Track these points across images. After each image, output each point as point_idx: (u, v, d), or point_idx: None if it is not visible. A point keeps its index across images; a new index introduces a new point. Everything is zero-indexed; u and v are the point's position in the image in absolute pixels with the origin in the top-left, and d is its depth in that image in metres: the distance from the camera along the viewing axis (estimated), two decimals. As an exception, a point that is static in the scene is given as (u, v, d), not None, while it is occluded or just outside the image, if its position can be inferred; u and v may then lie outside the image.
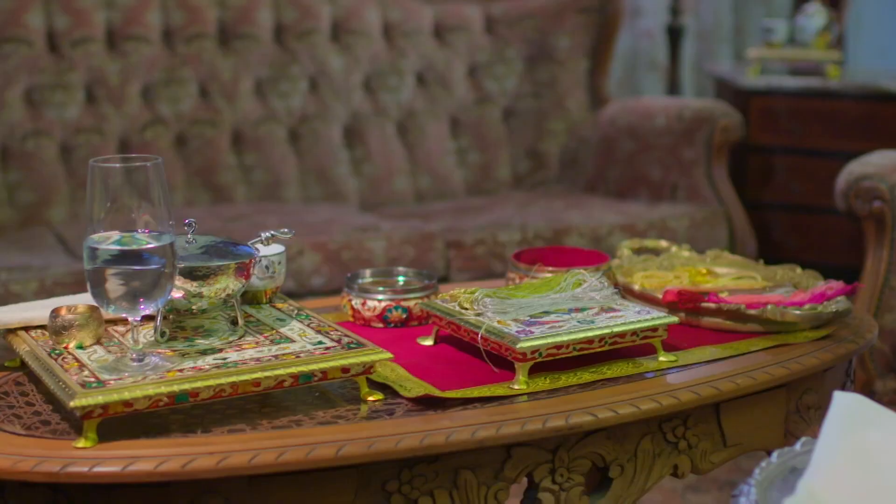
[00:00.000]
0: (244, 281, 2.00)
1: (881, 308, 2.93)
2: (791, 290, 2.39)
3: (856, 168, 3.02)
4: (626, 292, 2.43)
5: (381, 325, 2.31)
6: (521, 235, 3.65)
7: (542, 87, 4.42)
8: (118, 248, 1.76)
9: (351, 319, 2.35)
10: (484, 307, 2.11)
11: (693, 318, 2.30)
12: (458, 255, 3.56)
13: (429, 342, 2.21)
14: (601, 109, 4.31)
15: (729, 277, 2.52)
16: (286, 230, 2.13)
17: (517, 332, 2.02)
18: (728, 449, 2.08)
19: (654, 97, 4.92)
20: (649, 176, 4.05)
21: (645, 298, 2.37)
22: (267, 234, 2.11)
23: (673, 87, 5.12)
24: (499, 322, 2.07)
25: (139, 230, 1.77)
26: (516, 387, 1.98)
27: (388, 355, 1.95)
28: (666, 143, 4.01)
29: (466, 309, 2.13)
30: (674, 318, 2.12)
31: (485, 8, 4.49)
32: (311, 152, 4.14)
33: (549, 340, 2.01)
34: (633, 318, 2.10)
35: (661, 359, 2.11)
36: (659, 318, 2.11)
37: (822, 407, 2.18)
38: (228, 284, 1.97)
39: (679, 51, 5.14)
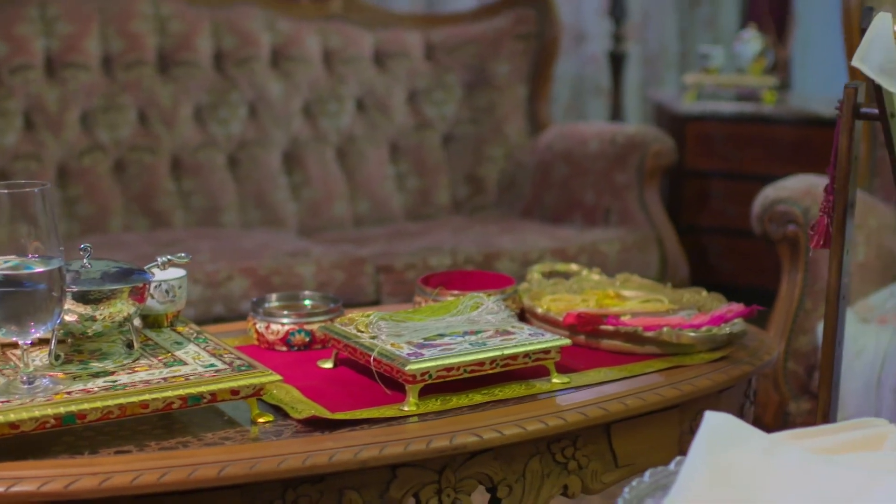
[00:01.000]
0: (139, 305, 2.02)
1: (795, 331, 2.96)
2: (693, 313, 2.42)
3: (771, 192, 3.05)
4: (530, 315, 2.46)
5: (284, 348, 2.34)
6: (451, 260, 3.68)
7: (481, 113, 4.45)
8: (4, 272, 1.78)
9: (256, 343, 2.37)
10: (378, 330, 2.14)
11: (593, 340, 2.33)
12: (388, 279, 3.58)
13: (328, 365, 2.23)
14: (539, 135, 4.35)
15: (636, 300, 2.55)
16: (182, 255, 2.15)
17: (408, 354, 2.05)
18: (620, 469, 2.10)
19: (590, 123, 4.96)
20: (583, 200, 4.08)
21: (547, 321, 2.40)
22: (163, 258, 2.14)
23: (616, 113, 5.17)
24: (392, 345, 2.09)
25: (30, 255, 1.79)
26: (406, 408, 2.01)
27: (277, 378, 1.98)
28: (599, 168, 4.05)
29: (362, 332, 2.16)
30: (566, 341, 2.15)
31: (425, 35, 4.53)
32: (249, 178, 4.17)
33: (440, 363, 2.03)
34: (525, 340, 2.13)
35: (555, 380, 2.14)
36: (551, 340, 2.14)
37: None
38: (123, 308, 1.99)
39: (621, 76, 5.18)
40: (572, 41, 5.50)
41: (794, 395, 2.95)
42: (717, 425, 1.70)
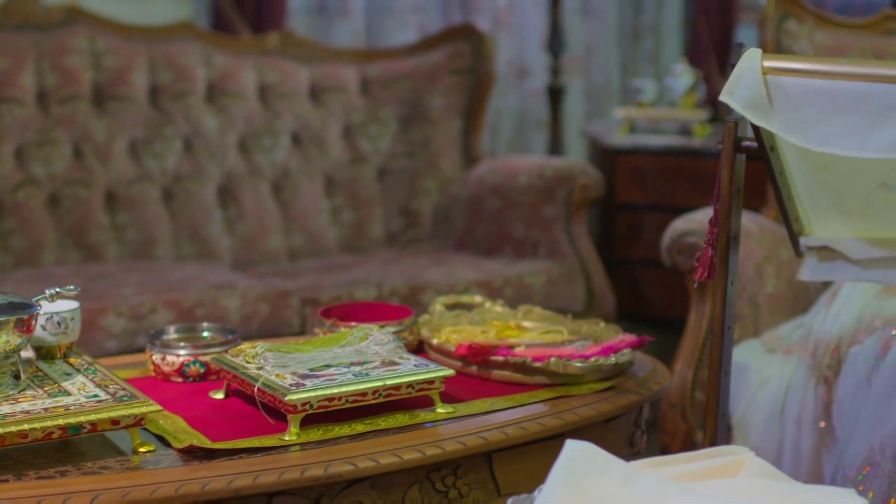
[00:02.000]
0: (25, 336, 2.04)
1: (702, 361, 3.00)
2: (587, 344, 2.45)
3: (679, 225, 3.10)
4: (427, 347, 2.49)
5: (180, 379, 2.36)
6: (377, 292, 3.70)
7: (416, 147, 4.49)
8: None
9: (153, 374, 2.40)
10: (265, 361, 2.17)
11: (484, 371, 2.36)
12: (313, 312, 3.61)
13: (220, 396, 2.26)
14: (473, 168, 4.38)
15: (536, 332, 2.59)
16: (72, 287, 2.18)
17: (290, 384, 2.08)
18: (503, 498, 2.13)
19: (521, 156, 4.99)
20: (513, 233, 4.12)
21: (442, 352, 2.43)
22: (52, 290, 2.16)
23: (555, 146, 5.21)
24: (277, 375, 2.12)
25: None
26: (287, 438, 2.04)
27: (157, 408, 2.01)
28: (529, 202, 4.08)
29: (250, 363, 2.19)
30: (449, 371, 2.18)
31: (360, 69, 4.56)
32: (184, 211, 4.19)
33: (321, 393, 2.07)
34: (409, 371, 2.16)
35: (439, 410, 2.17)
36: (435, 371, 2.17)
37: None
38: (9, 340, 2.01)
39: (560, 110, 5.23)
40: (515, 76, 5.55)
41: (701, 424, 2.98)
42: (576, 453, 1.73)
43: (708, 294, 3.01)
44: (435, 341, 2.45)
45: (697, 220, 3.09)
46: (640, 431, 2.38)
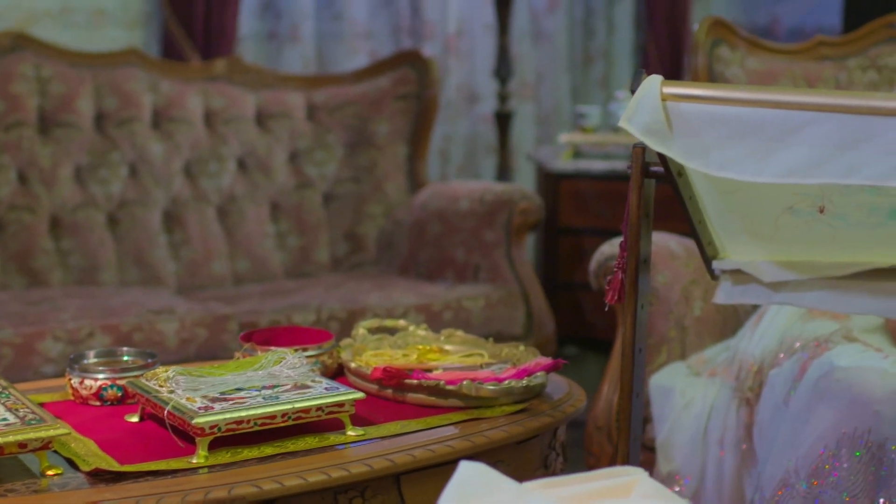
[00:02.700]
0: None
1: (629, 384, 3.02)
2: (504, 367, 2.47)
3: (606, 249, 3.13)
4: (346, 370, 2.51)
5: (97, 402, 2.38)
6: (315, 317, 3.73)
7: (361, 172, 4.52)
8: None
9: (72, 398, 2.42)
10: (176, 385, 2.19)
11: (399, 394, 2.38)
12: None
13: (135, 419, 2.28)
14: (417, 193, 4.41)
15: (458, 355, 2.61)
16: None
17: (199, 408, 2.10)
18: (412, 519, 2.15)
19: (463, 181, 5.03)
20: (455, 258, 4.15)
21: (359, 375, 2.45)
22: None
23: (503, 171, 5.24)
24: (187, 399, 2.14)
25: None
26: (195, 460, 2.05)
27: (64, 431, 2.02)
28: (469, 226, 4.12)
29: (162, 387, 2.21)
30: (359, 395, 2.20)
31: (307, 95, 4.59)
32: (129, 237, 4.21)
33: (229, 416, 2.08)
34: (319, 394, 2.18)
35: (349, 433, 2.19)
36: (345, 394, 2.19)
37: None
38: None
39: (508, 135, 5.27)
40: (465, 101, 5.59)
41: (628, 447, 3.01)
42: (468, 475, 1.74)
43: (634, 317, 3.04)
44: (353, 365, 2.47)
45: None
46: (554, 453, 2.40)
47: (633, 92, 2.06)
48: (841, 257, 2.30)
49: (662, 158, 2.17)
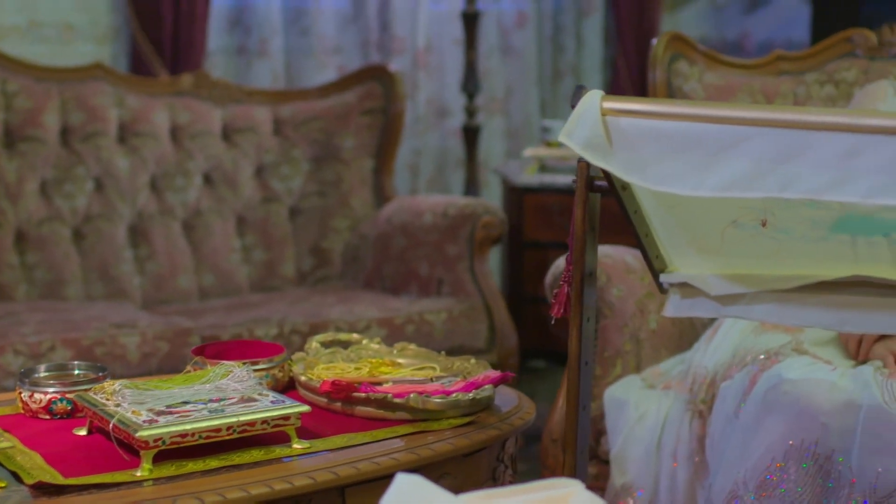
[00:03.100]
0: None
1: (584, 397, 3.04)
2: (454, 380, 2.49)
3: (561, 263, 3.14)
4: (297, 384, 2.53)
5: (47, 416, 2.38)
6: (278, 330, 3.74)
7: (327, 186, 4.53)
8: None
9: (23, 412, 2.42)
10: (123, 398, 2.20)
11: (348, 407, 2.40)
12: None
13: (83, 432, 2.29)
14: (383, 208, 4.43)
15: (410, 368, 2.62)
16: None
17: (144, 421, 2.11)
18: (353, 531, 2.16)
19: (428, 195, 5.04)
20: (419, 272, 4.16)
21: (309, 389, 2.47)
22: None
23: (470, 186, 5.26)
24: (133, 412, 2.15)
25: None
26: (139, 473, 2.06)
27: (9, 444, 2.04)
28: (433, 240, 4.14)
29: (109, 400, 2.22)
30: (305, 408, 2.22)
31: (273, 110, 4.61)
32: (94, 251, 4.22)
33: (173, 429, 2.09)
34: (265, 407, 2.20)
35: (295, 446, 2.20)
36: (290, 407, 2.21)
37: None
38: None
39: (476, 150, 5.29)
40: (435, 116, 5.61)
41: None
42: (404, 487, 1.76)
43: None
44: (303, 378, 2.49)
45: (579, 258, 3.13)
46: (503, 466, 2.41)
47: (573, 107, 2.08)
48: (787, 270, 2.32)
49: (606, 173, 2.19)
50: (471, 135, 5.23)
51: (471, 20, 5.17)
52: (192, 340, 3.66)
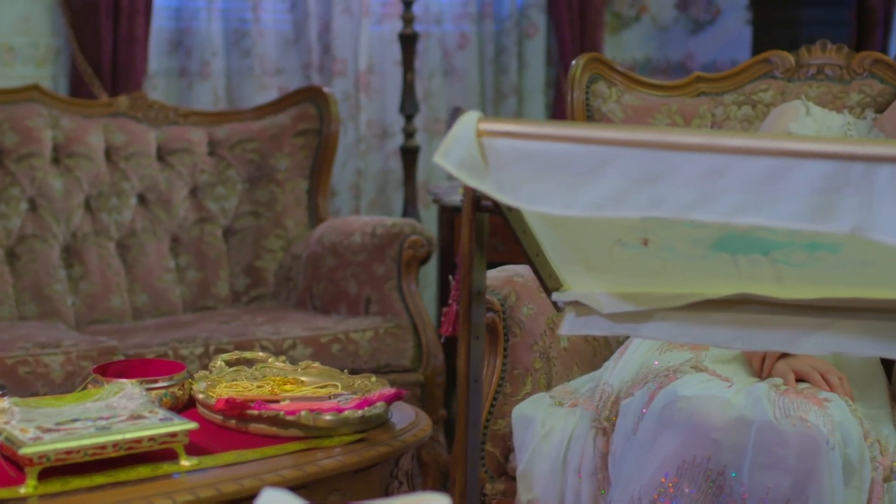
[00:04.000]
0: None
1: (494, 414, 3.07)
2: (350, 398, 2.52)
3: (467, 282, 3.17)
4: (197, 402, 2.56)
5: (-56, 435, 2.40)
6: (203, 349, 3.77)
7: (261, 207, 4.57)
8: None
9: (-79, 430, 2.44)
10: (12, 416, 2.22)
11: (243, 425, 2.43)
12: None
13: (-24, 450, 2.31)
14: (315, 228, 4.47)
15: (312, 386, 2.66)
16: None
17: (30, 438, 2.13)
18: (240, 548, 2.19)
19: (358, 216, 5.08)
20: (348, 291, 4.20)
21: (206, 407, 2.50)
22: None
23: (409, 206, 5.30)
24: (21, 430, 2.18)
25: None
26: (23, 490, 2.09)
27: None
28: (361, 260, 4.17)
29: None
30: (192, 425, 2.25)
31: (209, 131, 4.64)
32: (28, 271, 4.24)
33: (59, 446, 2.12)
34: (152, 424, 2.22)
35: (183, 462, 2.23)
36: (178, 424, 2.24)
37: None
38: None
39: (414, 171, 5.33)
40: (376, 137, 5.65)
41: (492, 476, 3.06)
42: (269, 502, 1.78)
43: (499, 348, 3.09)
44: (200, 396, 2.52)
45: (490, 277, 3.17)
46: (397, 482, 2.44)
47: (449, 129, 2.12)
48: (675, 288, 2.36)
49: (492, 192, 2.22)
50: (409, 156, 5.27)
51: (408, 41, 5.22)
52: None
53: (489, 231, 2.27)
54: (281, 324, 4.00)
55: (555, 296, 2.46)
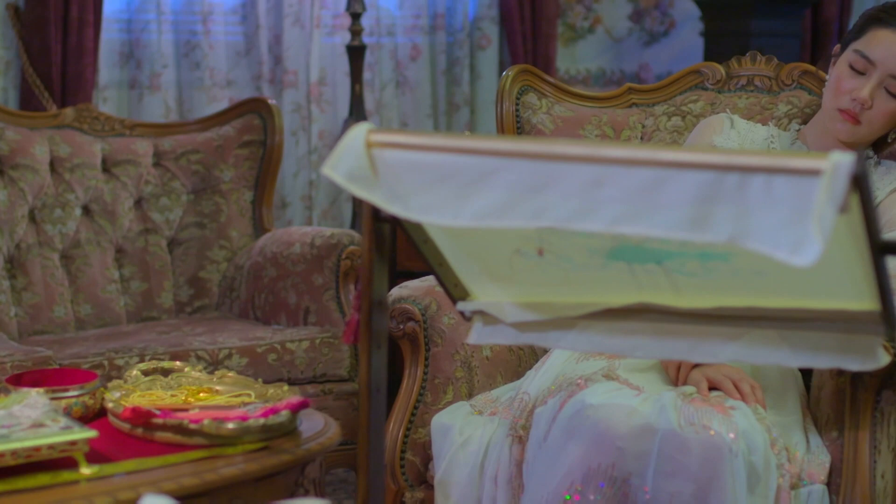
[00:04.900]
0: None
1: (415, 423, 3.10)
2: (259, 406, 2.55)
3: (395, 292, 3.21)
4: (107, 411, 2.58)
5: None
6: (138, 359, 3.79)
7: (206, 218, 4.59)
8: None
9: None
10: (-88, 425, 2.24)
11: (149, 433, 2.45)
12: (73, 379, 3.69)
13: None
14: (258, 239, 4.50)
15: (227, 395, 2.68)
16: None
17: (-73, 447, 2.15)
18: (137, 554, 2.21)
19: (299, 227, 5.10)
20: (287, 301, 4.22)
21: (115, 415, 2.52)
22: None
23: (357, 217, 5.33)
24: (-80, 438, 2.20)
25: None
26: (-84, 499, 2.11)
27: None
28: (300, 270, 4.20)
29: None
30: (92, 433, 2.27)
31: (154, 142, 4.67)
32: (-30, 283, 4.26)
33: (-45, 454, 2.14)
34: (53, 433, 2.25)
35: (83, 470, 2.25)
36: (78, 432, 2.26)
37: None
38: None
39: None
40: (328, 148, 5.66)
41: (411, 484, 3.08)
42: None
43: (420, 358, 3.12)
44: (110, 405, 2.54)
45: (411, 287, 3.20)
46: (303, 490, 2.47)
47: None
48: (576, 297, 2.39)
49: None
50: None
51: (356, 53, 5.25)
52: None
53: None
54: (219, 334, 4.02)
55: (460, 305, 2.48)
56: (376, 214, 2.33)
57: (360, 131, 2.14)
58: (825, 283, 2.19)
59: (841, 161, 1.77)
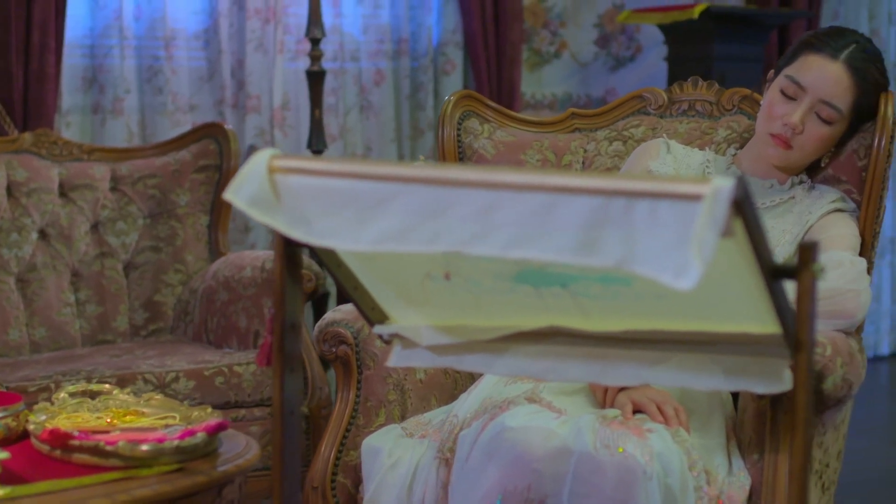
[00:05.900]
0: None
1: (347, 446, 3.12)
2: (178, 428, 2.57)
3: (329, 315, 3.23)
4: (29, 433, 2.60)
5: None
6: (86, 381, 3.81)
7: (162, 242, 4.63)
8: None
9: None
10: None
11: (66, 455, 2.48)
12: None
13: None
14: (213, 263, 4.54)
15: (153, 417, 2.71)
16: None
17: None
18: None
19: (253, 251, 5.14)
20: (238, 325, 4.25)
21: (36, 437, 2.54)
22: None
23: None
24: None
25: None
26: None
27: None
28: (251, 294, 4.23)
29: None
30: (3, 454, 2.29)
31: (112, 167, 4.70)
32: (-75, 307, 4.30)
33: None
34: (-37, 454, 2.27)
35: (-4, 492, 2.28)
36: (-12, 453, 2.28)
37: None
38: None
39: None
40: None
41: (342, 506, 3.11)
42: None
43: (352, 380, 3.15)
44: (31, 427, 2.57)
45: (344, 311, 3.23)
46: (219, 512, 2.49)
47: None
48: (488, 321, 2.42)
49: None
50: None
51: (316, 78, 5.29)
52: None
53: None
54: (168, 357, 4.05)
55: (377, 328, 2.51)
56: (289, 239, 2.36)
57: (263, 157, 2.17)
58: (726, 306, 2.22)
59: (721, 186, 1.80)
